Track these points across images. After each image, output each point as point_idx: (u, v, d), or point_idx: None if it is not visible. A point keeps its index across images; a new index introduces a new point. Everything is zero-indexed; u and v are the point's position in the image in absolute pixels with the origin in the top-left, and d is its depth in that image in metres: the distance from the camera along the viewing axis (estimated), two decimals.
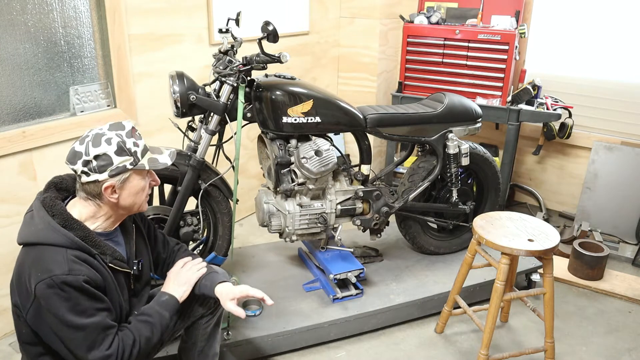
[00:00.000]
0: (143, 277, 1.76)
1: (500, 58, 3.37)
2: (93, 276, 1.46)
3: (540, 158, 3.88)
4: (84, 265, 1.45)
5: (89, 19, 2.56)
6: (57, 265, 1.41)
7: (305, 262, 2.81)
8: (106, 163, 1.48)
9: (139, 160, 1.54)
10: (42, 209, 1.49)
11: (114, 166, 1.49)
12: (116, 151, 1.49)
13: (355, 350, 2.41)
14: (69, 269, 1.41)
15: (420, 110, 2.58)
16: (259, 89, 2.28)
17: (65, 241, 1.45)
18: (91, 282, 1.45)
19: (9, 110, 2.34)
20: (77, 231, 1.48)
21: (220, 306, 1.91)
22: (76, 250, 1.46)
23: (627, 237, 3.44)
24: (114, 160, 1.48)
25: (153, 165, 1.58)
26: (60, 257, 1.42)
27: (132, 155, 1.52)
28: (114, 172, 1.49)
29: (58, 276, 1.39)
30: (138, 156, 1.54)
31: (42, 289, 1.40)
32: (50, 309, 1.41)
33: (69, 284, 1.40)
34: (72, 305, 1.42)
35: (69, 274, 1.40)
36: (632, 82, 3.42)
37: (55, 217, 1.47)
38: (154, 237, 1.87)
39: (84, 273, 1.43)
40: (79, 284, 1.41)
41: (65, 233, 1.45)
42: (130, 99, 2.72)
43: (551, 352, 2.27)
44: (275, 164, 2.34)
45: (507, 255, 2.11)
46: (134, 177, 1.54)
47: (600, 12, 3.43)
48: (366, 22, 3.86)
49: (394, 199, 2.65)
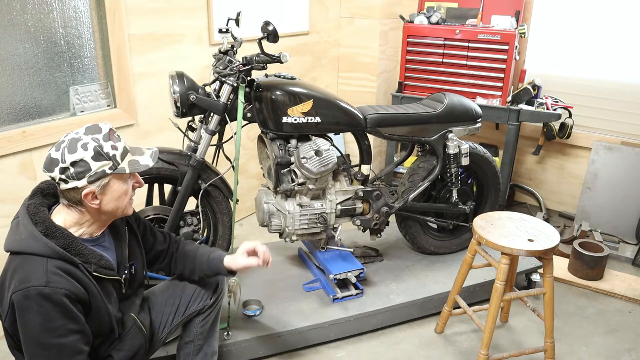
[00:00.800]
0: (136, 281, 1.72)
1: (500, 58, 3.37)
2: (74, 289, 1.40)
3: (540, 158, 3.88)
4: (65, 277, 1.39)
5: (89, 19, 2.56)
6: (35, 276, 1.36)
7: (305, 262, 2.81)
8: (84, 169, 1.42)
9: (119, 163, 1.48)
10: (27, 217, 1.44)
11: (92, 172, 1.43)
12: (93, 156, 1.43)
13: (355, 350, 2.41)
14: (47, 280, 1.35)
15: (420, 110, 2.58)
16: (259, 89, 2.28)
17: (46, 251, 1.39)
18: (71, 296, 1.39)
19: (9, 110, 2.34)
20: (59, 240, 1.42)
21: (218, 302, 1.91)
22: (58, 260, 1.40)
23: (627, 237, 3.44)
24: (92, 165, 1.43)
25: (134, 167, 1.52)
26: (40, 268, 1.37)
27: (110, 160, 1.46)
28: (93, 177, 1.43)
29: (35, 287, 1.34)
30: (117, 159, 1.48)
31: (18, 299, 1.35)
32: (22, 321, 1.36)
33: (46, 296, 1.34)
34: (43, 321, 1.35)
35: (47, 285, 1.35)
36: (632, 82, 3.42)
37: (37, 225, 1.42)
38: (152, 237, 1.84)
39: (63, 286, 1.37)
40: (58, 298, 1.36)
41: (47, 242, 1.40)
42: (130, 99, 2.72)
43: (551, 352, 2.27)
44: (275, 164, 2.34)
45: (507, 255, 2.11)
46: (115, 181, 1.49)
47: (600, 12, 3.43)
48: (366, 22, 3.86)
49: (394, 199, 2.65)
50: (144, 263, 1.77)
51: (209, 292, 1.88)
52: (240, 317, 2.34)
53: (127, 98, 2.72)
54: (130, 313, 1.69)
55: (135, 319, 1.69)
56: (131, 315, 1.69)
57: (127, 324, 1.68)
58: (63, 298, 1.37)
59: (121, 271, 1.63)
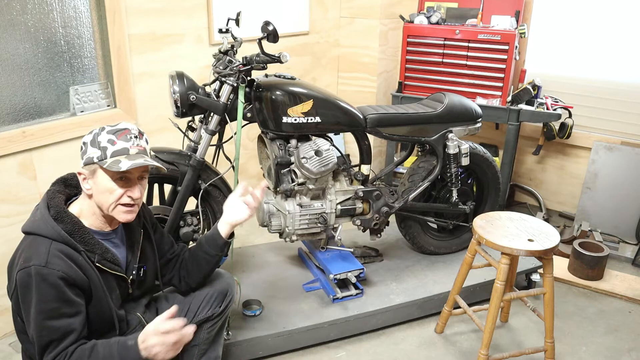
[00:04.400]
0: (145, 284, 1.74)
1: (500, 58, 3.37)
2: (72, 273, 1.45)
3: (540, 158, 3.88)
4: (65, 260, 1.45)
5: (89, 19, 2.56)
6: (38, 255, 1.43)
7: (305, 262, 2.81)
8: (83, 151, 1.54)
9: (106, 157, 1.51)
10: (44, 201, 1.54)
11: (87, 155, 1.53)
12: (91, 141, 1.53)
13: (355, 350, 2.41)
14: (47, 261, 1.42)
15: (420, 110, 2.58)
16: (259, 89, 2.28)
17: (52, 233, 1.47)
18: (68, 279, 1.44)
19: (9, 110, 2.34)
20: (67, 225, 1.49)
21: (227, 310, 1.91)
22: (61, 243, 1.47)
23: (627, 237, 3.44)
24: (87, 150, 1.53)
25: (112, 166, 1.49)
26: (43, 249, 1.44)
27: (100, 149, 1.52)
28: (85, 161, 1.53)
29: (36, 266, 1.41)
30: (106, 153, 1.51)
31: (21, 276, 1.43)
32: (22, 297, 1.44)
33: (43, 276, 1.41)
34: (38, 301, 1.41)
35: (45, 266, 1.41)
36: (632, 82, 3.42)
37: (50, 209, 1.51)
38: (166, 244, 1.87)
39: (61, 268, 1.43)
40: (53, 279, 1.41)
41: (54, 226, 1.47)
42: (130, 99, 2.72)
43: (551, 352, 2.27)
44: (275, 164, 2.34)
45: (507, 255, 2.11)
46: (101, 173, 1.52)
47: (600, 12, 3.43)
48: (366, 22, 3.86)
49: (394, 199, 2.65)
50: (156, 268, 1.79)
51: (219, 300, 1.88)
52: (240, 317, 2.34)
53: (127, 98, 2.72)
54: (136, 312, 1.71)
55: (140, 318, 1.71)
56: (137, 314, 1.71)
57: (132, 322, 1.69)
58: (58, 280, 1.42)
59: (129, 271, 1.66)
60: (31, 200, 2.38)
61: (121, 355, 1.46)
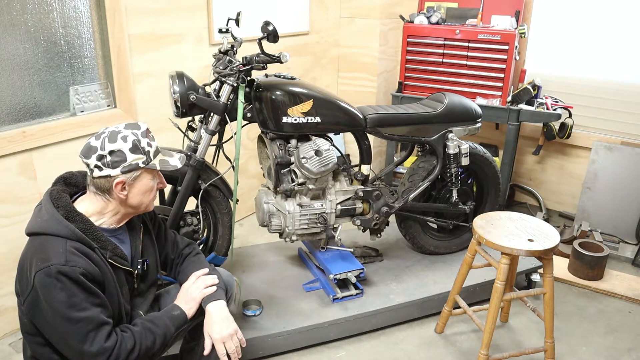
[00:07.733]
0: (148, 278, 1.77)
1: (500, 58, 3.37)
2: (90, 269, 1.48)
3: (540, 158, 3.88)
4: (82, 257, 1.47)
5: (89, 19, 2.56)
6: (56, 255, 1.44)
7: (305, 262, 2.81)
8: (120, 159, 1.52)
9: (151, 159, 1.58)
10: (49, 201, 1.53)
11: (127, 163, 1.53)
12: (131, 148, 1.53)
13: (355, 350, 2.41)
14: (66, 259, 1.44)
15: (420, 110, 2.58)
16: (259, 89, 2.28)
17: (66, 232, 1.48)
18: (88, 275, 1.46)
19: (9, 110, 2.34)
20: (79, 224, 1.51)
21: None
22: (76, 242, 1.48)
23: (627, 237, 3.44)
24: (128, 157, 1.53)
25: (164, 166, 1.62)
26: (59, 248, 1.45)
27: (145, 154, 1.56)
28: (127, 168, 1.53)
29: (56, 265, 1.42)
30: (150, 156, 1.58)
31: (41, 278, 1.42)
32: (47, 298, 1.43)
33: (65, 274, 1.42)
34: (66, 297, 1.43)
35: (66, 264, 1.43)
36: (632, 82, 3.42)
37: (59, 209, 1.51)
38: (164, 238, 1.89)
39: (81, 265, 1.45)
40: (75, 276, 1.43)
41: (67, 225, 1.48)
42: (130, 99, 2.72)
43: (551, 352, 2.27)
44: (275, 164, 2.34)
45: (507, 255, 2.11)
46: (145, 175, 1.58)
47: (600, 12, 3.43)
48: (366, 22, 3.86)
49: (394, 199, 2.65)
50: (157, 262, 1.81)
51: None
52: (240, 317, 2.34)
53: (127, 98, 2.72)
54: (139, 310, 1.72)
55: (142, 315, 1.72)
56: (139, 312, 1.72)
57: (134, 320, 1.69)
58: (80, 277, 1.44)
59: (134, 265, 1.69)
60: (31, 200, 2.38)
61: (173, 322, 1.66)
